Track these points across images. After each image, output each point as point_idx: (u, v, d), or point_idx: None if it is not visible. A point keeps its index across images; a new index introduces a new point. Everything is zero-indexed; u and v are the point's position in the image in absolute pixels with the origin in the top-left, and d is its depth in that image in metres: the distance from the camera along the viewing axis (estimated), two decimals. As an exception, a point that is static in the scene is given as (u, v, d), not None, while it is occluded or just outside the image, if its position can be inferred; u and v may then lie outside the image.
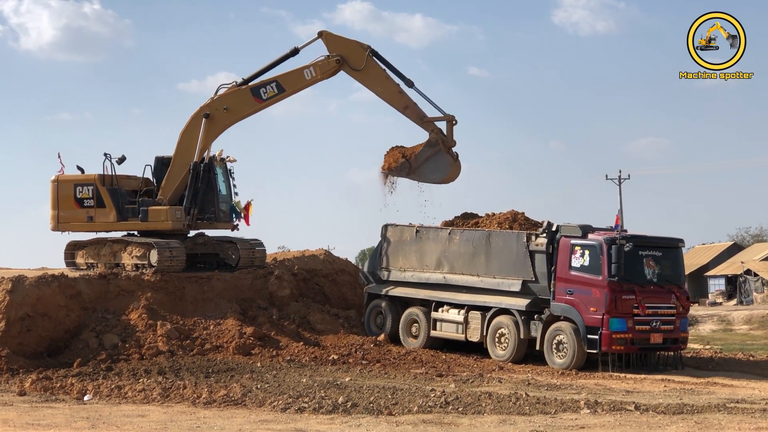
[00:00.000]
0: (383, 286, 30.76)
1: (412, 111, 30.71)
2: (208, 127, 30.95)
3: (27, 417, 18.27)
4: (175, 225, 31.07)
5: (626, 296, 25.45)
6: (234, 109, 31.07)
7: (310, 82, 30.97)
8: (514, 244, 27.27)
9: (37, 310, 26.96)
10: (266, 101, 31.02)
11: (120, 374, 24.09)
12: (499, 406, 18.73)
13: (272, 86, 30.86)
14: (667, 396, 20.82)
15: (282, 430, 16.32)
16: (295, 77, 30.89)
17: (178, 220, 31.04)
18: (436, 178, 31.17)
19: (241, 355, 26.85)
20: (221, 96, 31.22)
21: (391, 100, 30.81)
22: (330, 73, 30.74)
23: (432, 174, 31.03)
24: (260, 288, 31.04)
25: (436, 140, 30.57)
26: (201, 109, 31.09)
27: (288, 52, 31.12)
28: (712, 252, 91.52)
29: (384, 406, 18.73)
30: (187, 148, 31.19)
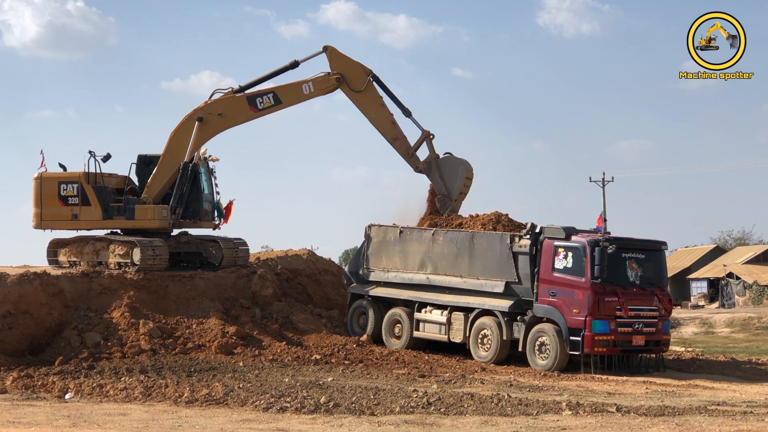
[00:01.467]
0: (366, 287, 30.75)
1: (401, 144, 30.91)
2: (201, 130, 30.95)
3: (8, 415, 18.21)
4: (161, 224, 31.07)
5: (609, 298, 25.50)
6: (228, 115, 31.08)
7: (308, 97, 30.95)
8: (497, 245, 27.29)
9: (18, 307, 26.89)
10: (261, 111, 31.04)
11: (102, 373, 24.04)
12: (481, 407, 18.74)
13: (269, 97, 30.86)
14: (648, 398, 20.86)
15: (264, 430, 16.30)
16: (293, 90, 30.89)
17: (164, 219, 31.03)
18: (463, 176, 31.53)
19: (223, 354, 26.81)
20: (216, 101, 31.21)
21: (382, 129, 30.93)
22: (328, 90, 30.79)
23: (457, 179, 31.43)
24: (243, 287, 31.01)
25: (428, 166, 30.84)
26: (195, 111, 31.09)
27: (288, 64, 31.15)
28: (695, 255, 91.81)
29: (366, 407, 18.72)
30: (177, 149, 31.19)
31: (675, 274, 79.48)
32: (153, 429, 16.58)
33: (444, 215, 30.73)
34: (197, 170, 31.33)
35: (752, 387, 23.96)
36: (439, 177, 31.21)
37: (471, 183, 31.64)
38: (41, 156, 31.61)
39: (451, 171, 31.22)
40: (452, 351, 28.65)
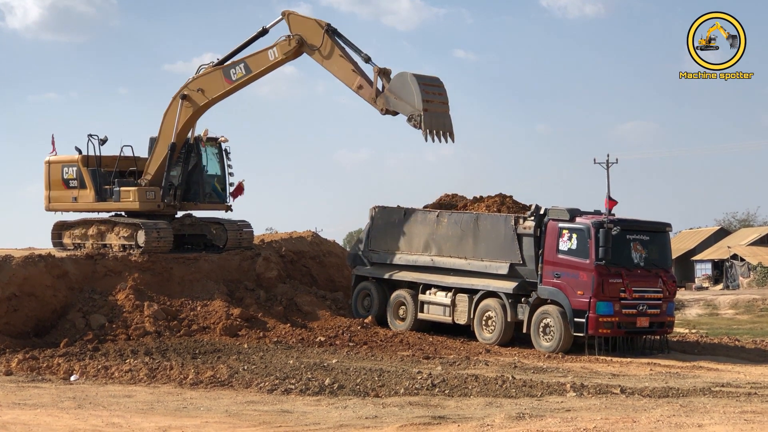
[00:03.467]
0: (371, 269, 30.75)
1: (366, 91, 29.34)
2: (185, 108, 30.79)
3: (13, 397, 18.26)
4: (144, 206, 31.05)
5: (613, 280, 25.50)
6: (207, 89, 30.78)
7: (275, 64, 30.16)
8: (502, 227, 27.28)
9: (23, 290, 26.93)
10: (235, 82, 30.46)
11: (107, 354, 24.08)
12: (485, 388, 18.77)
13: (240, 67, 30.43)
14: (652, 379, 20.88)
15: (268, 412, 16.33)
16: (260, 58, 30.37)
17: (150, 201, 30.98)
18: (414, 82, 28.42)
19: (228, 336, 26.84)
20: (197, 77, 31.04)
21: (345, 79, 29.68)
22: (292, 54, 29.79)
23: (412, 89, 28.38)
24: (247, 269, 31.01)
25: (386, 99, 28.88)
26: (180, 90, 30.98)
27: (257, 32, 30.72)
28: (699, 236, 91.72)
29: (371, 388, 18.76)
30: (167, 130, 31.10)
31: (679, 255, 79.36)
32: (158, 411, 16.61)
33: (428, 135, 28.15)
34: (195, 151, 31.19)
35: (756, 368, 23.97)
36: (399, 100, 28.76)
37: (439, 89, 28.87)
38: (52, 140, 31.82)
39: (403, 86, 28.44)
40: (456, 333, 28.67)
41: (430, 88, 28.53)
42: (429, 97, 28.22)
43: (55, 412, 16.34)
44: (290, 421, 15.43)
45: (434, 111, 28.28)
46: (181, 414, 16.26)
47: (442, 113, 28.61)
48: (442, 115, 28.58)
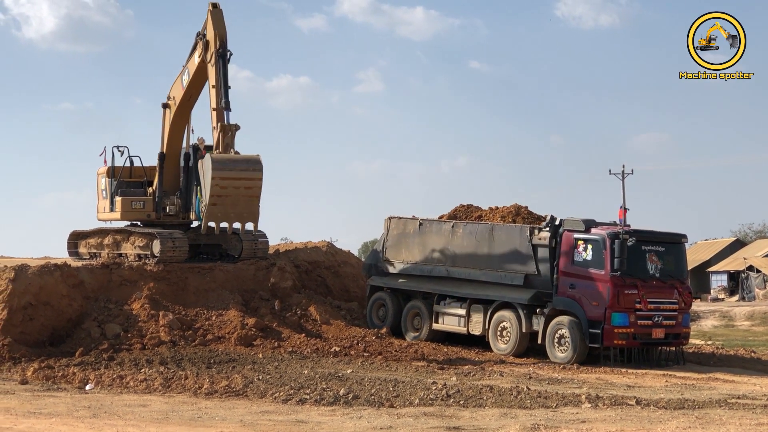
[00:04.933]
0: (386, 279, 30.76)
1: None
2: (166, 117, 30.84)
3: (29, 406, 18.30)
4: (126, 216, 31.41)
5: (629, 291, 25.46)
6: (175, 96, 30.58)
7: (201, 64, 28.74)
8: (517, 237, 27.26)
9: (39, 299, 26.97)
10: (186, 88, 29.94)
11: (122, 364, 24.10)
12: (500, 399, 18.74)
13: (186, 72, 29.95)
14: (668, 391, 20.82)
15: (283, 422, 16.33)
16: (191, 62, 29.51)
17: (135, 211, 31.06)
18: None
19: (242, 346, 26.84)
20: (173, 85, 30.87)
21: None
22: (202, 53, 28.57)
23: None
24: (262, 279, 31.02)
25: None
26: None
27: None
28: (715, 248, 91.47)
29: (385, 399, 18.75)
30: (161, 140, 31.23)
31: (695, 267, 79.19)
32: (173, 420, 16.63)
33: (206, 227, 27.13)
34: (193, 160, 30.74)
35: (773, 380, 23.88)
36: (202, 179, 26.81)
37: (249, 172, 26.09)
38: (103, 151, 32.01)
39: (203, 170, 26.42)
40: (471, 343, 28.65)
41: (234, 172, 25.83)
42: (225, 184, 25.64)
43: (71, 421, 16.36)
44: (305, 431, 15.43)
45: (226, 202, 25.80)
46: (196, 424, 16.27)
47: (245, 200, 25.98)
48: (242, 202, 25.95)
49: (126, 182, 31.81)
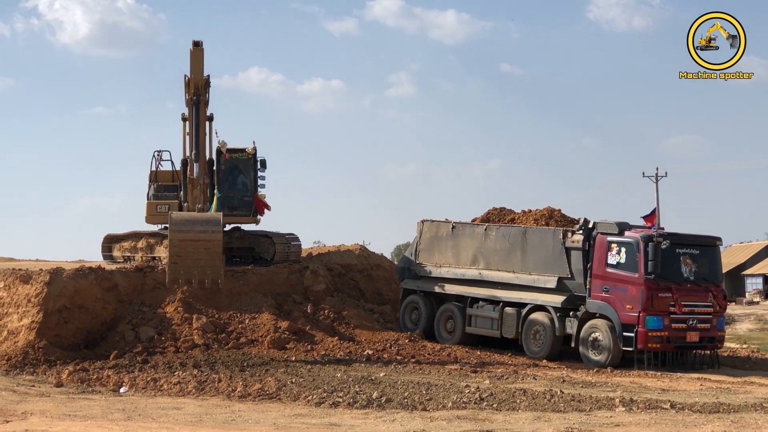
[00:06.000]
0: (419, 282, 30.76)
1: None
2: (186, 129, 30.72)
3: (64, 408, 18.39)
4: (151, 220, 31.51)
5: (663, 294, 25.34)
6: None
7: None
8: (550, 240, 27.20)
9: (74, 302, 27.14)
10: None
11: (156, 367, 24.19)
12: (533, 402, 18.69)
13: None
14: (703, 395, 20.70)
15: (316, 425, 16.35)
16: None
17: (158, 215, 31.31)
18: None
19: (275, 349, 26.90)
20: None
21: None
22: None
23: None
24: (295, 282, 31.08)
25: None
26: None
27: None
28: (750, 251, 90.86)
29: (418, 402, 18.74)
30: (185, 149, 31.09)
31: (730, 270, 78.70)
32: (206, 423, 16.68)
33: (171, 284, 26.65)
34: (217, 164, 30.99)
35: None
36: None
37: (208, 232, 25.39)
38: (155, 156, 32.05)
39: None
40: (504, 347, 28.59)
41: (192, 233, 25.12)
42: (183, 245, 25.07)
43: (105, 424, 16.44)
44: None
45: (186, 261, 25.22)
46: (230, 426, 16.31)
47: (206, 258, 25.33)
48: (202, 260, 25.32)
49: (164, 186, 31.91)
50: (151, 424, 16.53)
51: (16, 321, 26.64)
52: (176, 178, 31.83)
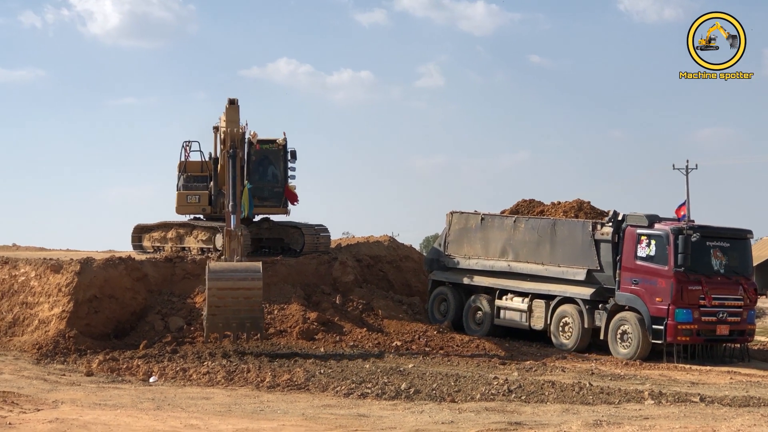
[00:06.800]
0: (447, 274, 30.76)
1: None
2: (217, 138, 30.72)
3: (94, 397, 18.50)
4: (182, 210, 31.57)
5: (692, 287, 25.25)
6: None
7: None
8: (579, 232, 27.14)
9: (104, 291, 27.26)
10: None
11: (185, 357, 24.28)
12: (562, 395, 18.67)
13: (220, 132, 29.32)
14: (733, 388, 20.62)
15: (345, 416, 16.37)
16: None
17: (188, 205, 31.40)
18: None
19: (304, 339, 26.94)
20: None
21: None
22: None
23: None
24: (324, 273, 31.12)
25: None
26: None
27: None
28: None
29: (447, 393, 18.75)
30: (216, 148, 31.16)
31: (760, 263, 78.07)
32: (235, 413, 16.73)
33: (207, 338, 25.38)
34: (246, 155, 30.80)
35: (840, 378, 23.55)
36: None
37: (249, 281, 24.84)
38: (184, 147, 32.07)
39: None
40: (533, 339, 28.55)
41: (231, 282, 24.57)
42: (222, 294, 24.41)
43: (135, 413, 16.52)
44: (366, 425, 15.45)
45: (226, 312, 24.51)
46: (258, 417, 16.36)
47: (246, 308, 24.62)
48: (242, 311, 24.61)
49: (194, 176, 31.96)
50: (180, 413, 16.61)
51: (47, 310, 26.82)
52: (205, 168, 31.90)
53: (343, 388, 19.36)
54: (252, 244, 30.84)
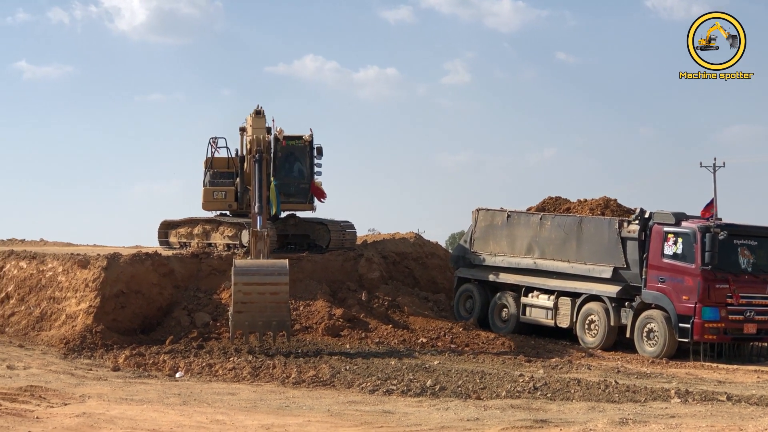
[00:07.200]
0: (473, 271, 30.71)
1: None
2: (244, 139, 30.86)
3: (120, 392, 18.59)
4: (208, 207, 31.67)
5: (719, 285, 25.13)
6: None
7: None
8: (605, 230, 27.05)
9: (130, 287, 27.37)
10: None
11: (211, 352, 24.34)
12: (588, 393, 18.62)
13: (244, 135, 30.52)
14: (760, 387, 20.51)
15: (370, 412, 16.38)
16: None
17: (214, 201, 31.52)
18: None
19: (330, 336, 26.95)
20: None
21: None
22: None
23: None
24: (350, 270, 31.10)
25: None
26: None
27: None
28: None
29: (472, 390, 18.74)
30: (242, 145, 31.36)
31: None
32: (261, 409, 16.78)
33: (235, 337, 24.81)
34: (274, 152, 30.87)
35: None
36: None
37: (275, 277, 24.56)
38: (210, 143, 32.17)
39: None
40: (559, 336, 28.48)
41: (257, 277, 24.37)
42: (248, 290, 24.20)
43: (161, 408, 16.59)
44: (392, 421, 15.46)
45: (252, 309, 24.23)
46: (284, 412, 16.40)
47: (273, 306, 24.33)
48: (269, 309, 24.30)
49: (220, 173, 32.02)
50: (206, 409, 16.67)
51: (74, 305, 26.94)
52: (232, 165, 31.96)
53: (368, 385, 19.38)
54: (278, 241, 30.88)
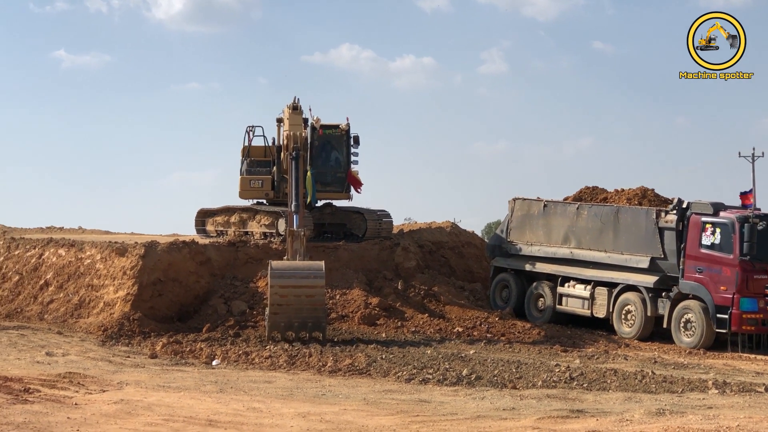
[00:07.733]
0: (509, 260, 30.66)
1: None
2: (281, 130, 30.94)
3: (158, 379, 18.70)
4: (245, 195, 31.74)
5: (758, 276, 24.97)
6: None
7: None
8: (643, 220, 26.93)
9: (168, 275, 27.52)
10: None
11: (247, 341, 24.44)
12: (624, 383, 18.57)
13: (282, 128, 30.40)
14: (798, 378, 20.38)
15: (406, 401, 16.41)
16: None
17: (251, 190, 31.58)
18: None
19: (366, 325, 26.99)
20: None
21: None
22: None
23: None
24: (386, 259, 31.11)
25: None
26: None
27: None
28: None
29: (508, 380, 18.73)
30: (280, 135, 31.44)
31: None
32: (297, 397, 16.83)
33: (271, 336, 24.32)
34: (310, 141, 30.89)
35: None
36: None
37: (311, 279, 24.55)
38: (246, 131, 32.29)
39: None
40: (595, 326, 28.38)
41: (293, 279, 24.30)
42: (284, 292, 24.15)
43: (198, 396, 16.69)
44: (427, 410, 15.48)
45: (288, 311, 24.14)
46: (320, 401, 16.45)
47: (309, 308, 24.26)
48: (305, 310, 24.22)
49: (257, 161, 32.09)
50: (243, 396, 16.74)
51: (112, 293, 27.13)
52: (269, 153, 32.03)
53: (404, 374, 19.40)
54: (314, 230, 30.93)
